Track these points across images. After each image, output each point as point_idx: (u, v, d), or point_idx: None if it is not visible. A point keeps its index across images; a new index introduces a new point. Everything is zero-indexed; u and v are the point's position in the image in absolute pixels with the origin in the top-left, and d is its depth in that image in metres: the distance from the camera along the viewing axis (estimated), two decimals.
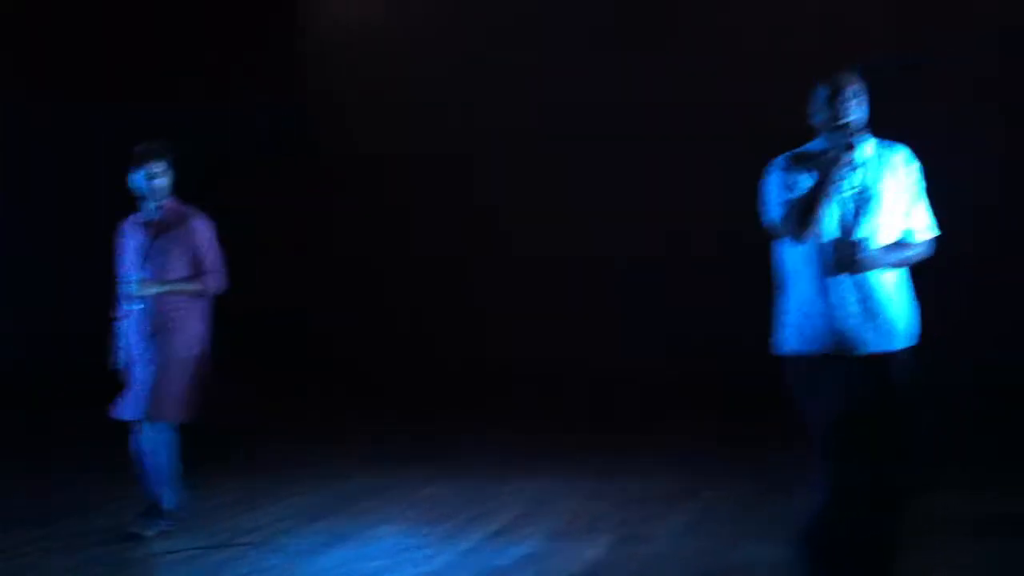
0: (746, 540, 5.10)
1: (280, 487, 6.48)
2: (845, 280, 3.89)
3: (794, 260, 4.01)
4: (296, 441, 8.09)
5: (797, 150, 4.04)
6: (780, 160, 4.04)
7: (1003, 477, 6.26)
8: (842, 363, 3.89)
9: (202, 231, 5.48)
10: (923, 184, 3.98)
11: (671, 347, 9.66)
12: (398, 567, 4.88)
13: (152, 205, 5.44)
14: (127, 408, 5.40)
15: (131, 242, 5.53)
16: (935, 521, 4.98)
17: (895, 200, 3.94)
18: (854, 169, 3.93)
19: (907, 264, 3.97)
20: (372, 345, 10.93)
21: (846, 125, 3.86)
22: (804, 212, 3.86)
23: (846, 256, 3.83)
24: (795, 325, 3.98)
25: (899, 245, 3.94)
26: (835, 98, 3.90)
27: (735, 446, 7.41)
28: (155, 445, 5.36)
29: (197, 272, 5.45)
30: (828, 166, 3.87)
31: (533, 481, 6.51)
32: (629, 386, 9.53)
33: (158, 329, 5.37)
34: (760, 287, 4.63)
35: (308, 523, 5.66)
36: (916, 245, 3.96)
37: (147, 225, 5.49)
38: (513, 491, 6.28)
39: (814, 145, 4.04)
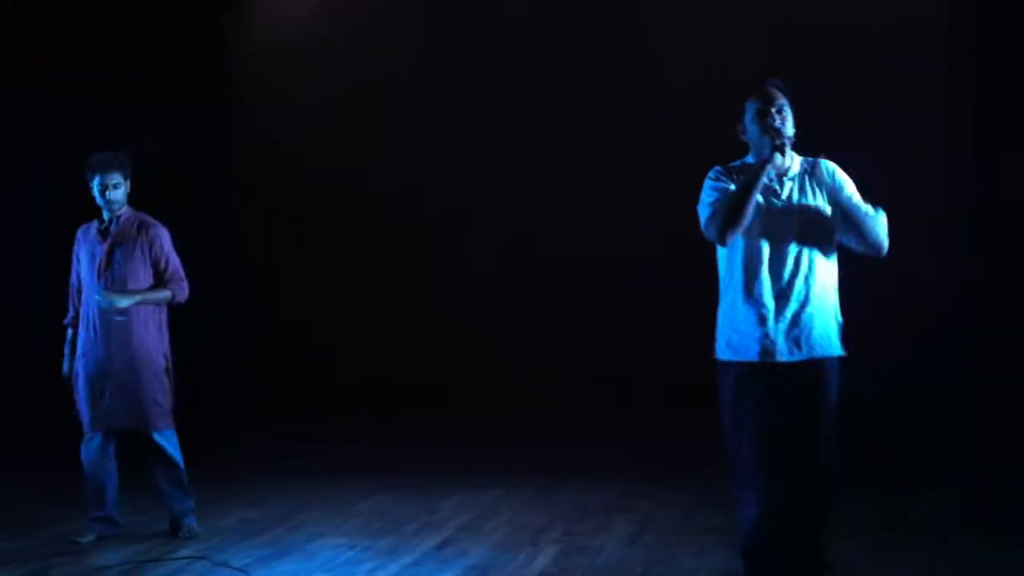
0: (688, 550, 5.13)
1: (220, 500, 6.39)
2: (771, 290, 3.98)
3: (726, 269, 4.11)
4: (237, 451, 8.03)
5: (731, 164, 4.15)
6: (713, 170, 4.15)
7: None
8: (768, 372, 3.98)
9: (163, 239, 5.47)
10: (855, 193, 4.08)
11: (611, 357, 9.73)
12: None
13: (107, 215, 5.45)
14: (122, 418, 5.41)
15: (85, 250, 5.48)
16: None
17: (828, 212, 4.03)
18: (778, 179, 4.03)
19: (879, 228, 4.03)
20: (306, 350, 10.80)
21: (779, 132, 3.97)
22: (726, 212, 3.96)
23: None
24: (725, 334, 4.09)
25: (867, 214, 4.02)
26: (762, 113, 4.01)
27: (673, 457, 7.47)
28: (174, 452, 5.48)
29: (158, 281, 5.44)
30: (753, 172, 3.97)
31: (477, 493, 6.51)
32: (575, 396, 9.61)
33: (123, 338, 5.36)
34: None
35: (247, 537, 5.57)
36: (880, 218, 4.02)
37: (103, 233, 5.45)
38: (456, 504, 6.27)
39: (748, 159, 4.16)
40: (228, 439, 8.64)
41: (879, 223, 4.04)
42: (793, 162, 4.09)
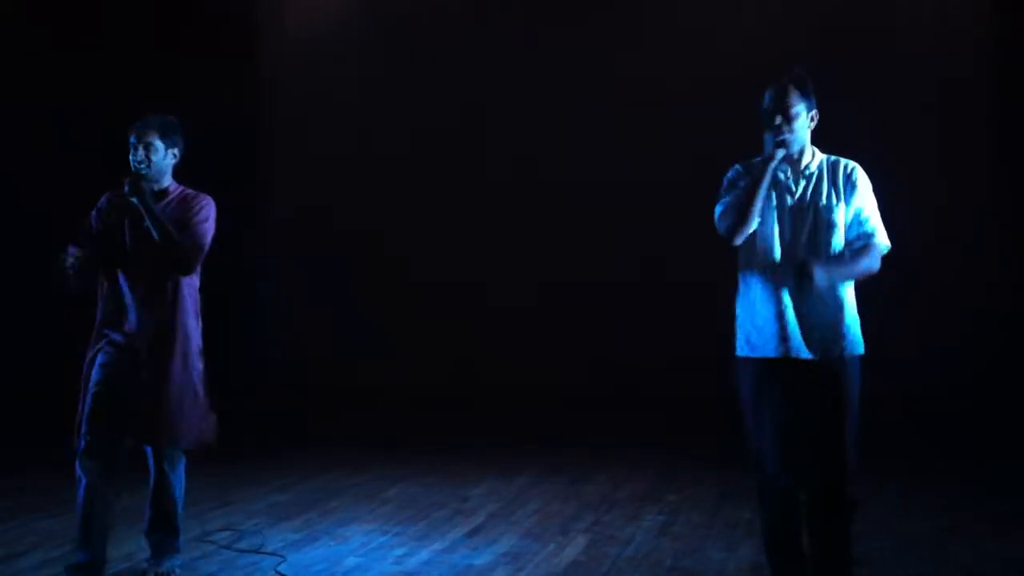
0: (717, 543, 5.16)
1: (252, 484, 6.47)
2: (790, 287, 3.95)
3: (745, 266, 4.10)
4: (267, 439, 8.10)
5: (753, 159, 4.10)
6: (732, 168, 4.15)
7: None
8: (786, 369, 3.97)
9: (206, 208, 4.63)
10: (872, 199, 4.02)
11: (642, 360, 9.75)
12: (374, 565, 4.86)
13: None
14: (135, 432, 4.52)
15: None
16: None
17: (839, 214, 3.98)
18: (794, 177, 4.00)
19: (855, 277, 3.98)
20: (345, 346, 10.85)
21: (779, 129, 3.93)
22: (733, 211, 3.96)
23: (795, 275, 3.86)
24: (744, 330, 4.07)
25: (848, 258, 3.95)
26: (772, 104, 3.98)
27: (700, 451, 7.49)
28: (179, 473, 4.71)
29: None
30: (758, 171, 3.95)
31: (505, 483, 6.56)
32: (601, 397, 9.64)
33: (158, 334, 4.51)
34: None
35: (280, 521, 5.64)
36: (864, 258, 3.94)
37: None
38: (485, 492, 6.32)
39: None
40: (262, 424, 8.71)
41: (869, 255, 3.96)
42: (813, 159, 4.04)
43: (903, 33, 9.64)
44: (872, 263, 3.96)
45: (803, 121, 3.96)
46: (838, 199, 3.98)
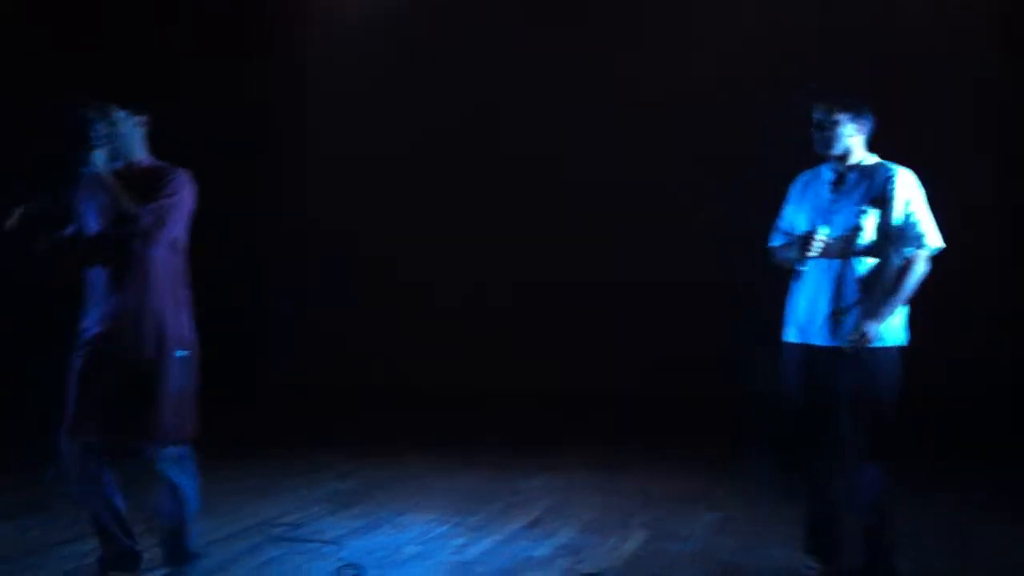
0: (775, 540, 5.14)
1: (311, 472, 6.53)
2: (830, 279, 4.19)
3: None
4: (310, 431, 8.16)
5: (818, 168, 4.39)
6: (797, 179, 4.47)
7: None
8: (828, 356, 4.17)
9: (176, 180, 4.27)
10: (919, 201, 4.19)
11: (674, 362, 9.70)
12: (434, 553, 4.88)
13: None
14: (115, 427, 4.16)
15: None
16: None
17: (867, 218, 4.16)
18: (838, 176, 4.27)
19: (908, 297, 4.17)
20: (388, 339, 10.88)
21: (820, 134, 4.24)
22: (780, 262, 4.40)
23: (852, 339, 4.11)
24: (792, 317, 4.32)
25: (892, 287, 4.14)
26: (815, 110, 4.27)
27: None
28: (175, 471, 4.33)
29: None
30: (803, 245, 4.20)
31: (564, 476, 6.57)
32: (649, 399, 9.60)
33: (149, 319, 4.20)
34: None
35: (339, 509, 5.68)
36: (908, 277, 4.14)
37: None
38: (541, 485, 6.33)
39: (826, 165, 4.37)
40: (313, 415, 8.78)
41: (912, 272, 4.15)
42: (856, 162, 4.26)
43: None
44: (917, 275, 4.16)
45: (845, 128, 4.21)
46: (870, 203, 4.17)
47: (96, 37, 10.12)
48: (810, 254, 4.16)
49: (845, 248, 4.16)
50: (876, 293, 4.12)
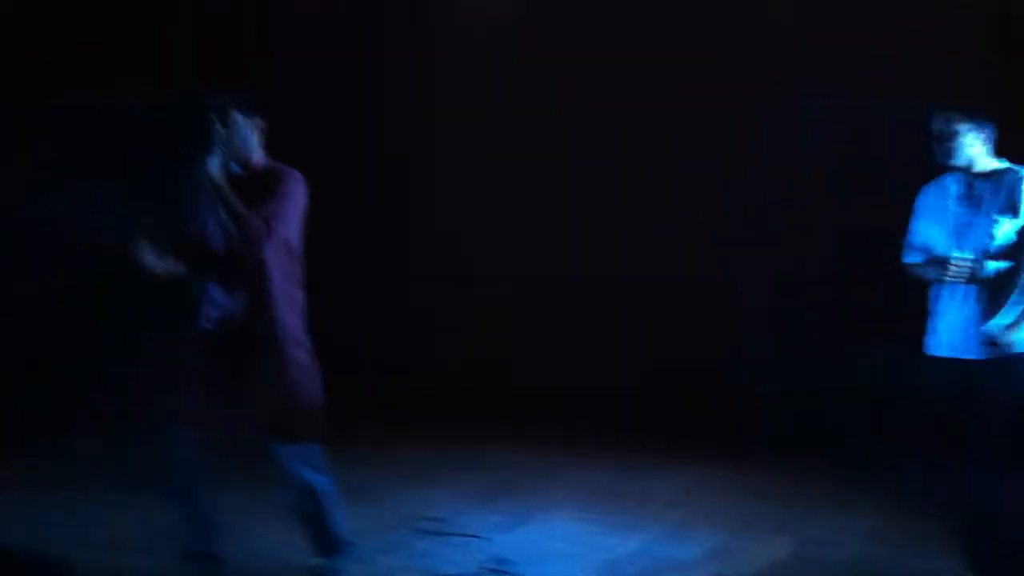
0: (930, 549, 5.01)
1: (458, 466, 6.56)
2: (961, 290, 4.10)
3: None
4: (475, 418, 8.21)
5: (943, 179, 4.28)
6: (924, 190, 4.33)
7: None
8: (963, 369, 4.10)
9: (286, 183, 4.29)
10: None
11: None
12: (587, 553, 4.91)
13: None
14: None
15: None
16: None
17: (1000, 227, 4.06)
18: (968, 185, 4.16)
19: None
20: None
21: (940, 146, 4.15)
22: (914, 277, 4.30)
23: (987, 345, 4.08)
24: (931, 329, 4.25)
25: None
26: (936, 135, 4.17)
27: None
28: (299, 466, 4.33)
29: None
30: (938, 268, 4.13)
31: (705, 479, 6.44)
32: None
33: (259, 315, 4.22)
34: None
35: (485, 503, 5.75)
36: None
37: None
38: (676, 486, 6.25)
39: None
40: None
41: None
42: (984, 171, 4.15)
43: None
44: None
45: (966, 138, 4.12)
46: (1002, 212, 4.07)
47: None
48: (949, 278, 4.09)
49: (984, 267, 4.07)
50: (1016, 299, 4.06)
